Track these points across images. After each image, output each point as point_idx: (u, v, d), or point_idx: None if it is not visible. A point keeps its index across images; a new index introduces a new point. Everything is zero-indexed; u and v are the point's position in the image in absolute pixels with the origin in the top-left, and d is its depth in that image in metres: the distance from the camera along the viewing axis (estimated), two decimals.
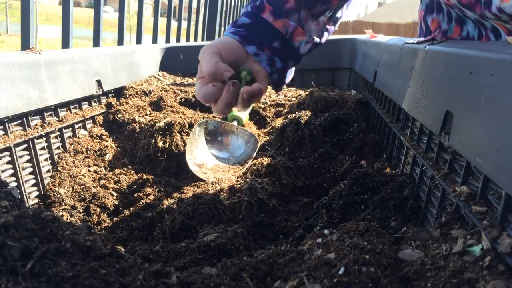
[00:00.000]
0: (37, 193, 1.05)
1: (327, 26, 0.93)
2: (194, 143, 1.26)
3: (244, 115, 1.41)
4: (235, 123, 1.37)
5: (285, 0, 0.85)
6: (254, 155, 1.25)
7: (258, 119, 1.53)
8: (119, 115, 1.39)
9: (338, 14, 0.95)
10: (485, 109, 0.48)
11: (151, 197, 1.08)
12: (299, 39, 0.87)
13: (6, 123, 0.95)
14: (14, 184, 0.96)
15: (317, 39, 0.91)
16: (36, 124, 1.07)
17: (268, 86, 0.90)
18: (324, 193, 0.96)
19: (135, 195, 1.10)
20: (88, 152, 1.23)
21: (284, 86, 0.93)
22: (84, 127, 1.29)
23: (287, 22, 0.85)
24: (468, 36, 0.88)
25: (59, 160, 1.14)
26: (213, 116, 1.45)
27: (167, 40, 2.92)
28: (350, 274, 0.41)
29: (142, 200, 1.07)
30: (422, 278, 0.42)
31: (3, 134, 0.95)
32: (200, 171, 1.19)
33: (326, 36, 0.94)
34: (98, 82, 1.36)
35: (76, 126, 1.24)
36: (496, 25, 0.80)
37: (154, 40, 2.68)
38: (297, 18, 0.86)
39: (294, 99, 1.68)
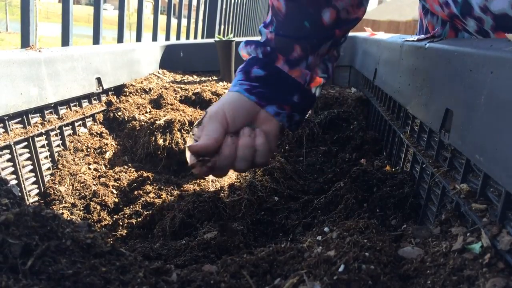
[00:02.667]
0: (37, 191, 1.05)
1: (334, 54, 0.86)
2: None
3: None
4: None
5: (291, 49, 0.77)
6: None
7: None
8: (119, 113, 1.39)
9: (342, 40, 0.86)
10: (485, 107, 0.48)
11: (151, 195, 1.08)
12: (315, 86, 0.80)
13: (6, 121, 0.95)
14: (14, 182, 0.96)
15: (326, 75, 0.84)
16: (36, 122, 1.07)
17: None
18: (324, 191, 0.96)
19: (135, 193, 1.10)
20: (88, 150, 1.23)
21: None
22: (84, 125, 1.29)
23: (303, 71, 0.77)
24: None
25: (59, 158, 1.14)
26: None
27: (167, 38, 2.92)
28: (350, 272, 0.41)
29: (142, 198, 1.07)
30: (422, 275, 0.42)
31: (3, 132, 0.95)
32: None
33: (334, 66, 0.87)
34: (98, 80, 1.36)
35: (76, 124, 1.24)
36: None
37: (154, 38, 2.68)
38: (305, 65, 0.78)
39: None
